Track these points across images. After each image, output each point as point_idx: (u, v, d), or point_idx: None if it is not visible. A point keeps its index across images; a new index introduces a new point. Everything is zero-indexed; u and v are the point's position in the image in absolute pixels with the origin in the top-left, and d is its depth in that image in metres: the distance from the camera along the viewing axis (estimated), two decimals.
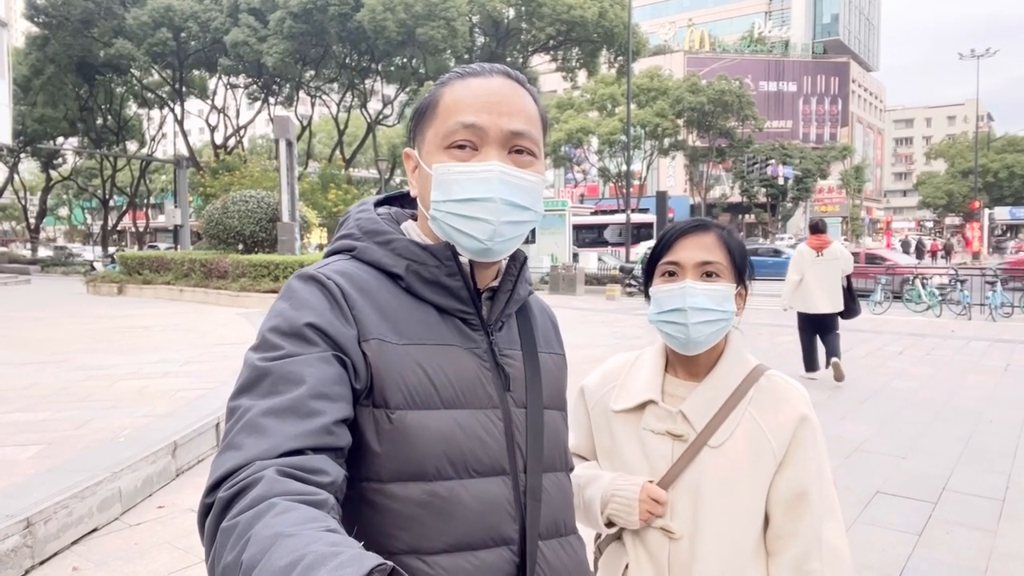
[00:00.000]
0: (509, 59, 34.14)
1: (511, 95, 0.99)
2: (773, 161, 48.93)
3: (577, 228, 29.72)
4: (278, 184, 16.89)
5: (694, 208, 52.86)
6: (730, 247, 1.37)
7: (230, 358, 8.00)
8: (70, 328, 11.06)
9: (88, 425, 4.98)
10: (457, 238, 0.98)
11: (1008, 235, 65.07)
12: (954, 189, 65.41)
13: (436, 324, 0.98)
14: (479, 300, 1.02)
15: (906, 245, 41.05)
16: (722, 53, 63.48)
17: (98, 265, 31.34)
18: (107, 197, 43.35)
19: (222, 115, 38.03)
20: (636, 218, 29.67)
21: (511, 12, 34.15)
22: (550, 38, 34.44)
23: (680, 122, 44.01)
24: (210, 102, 38.33)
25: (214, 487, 0.75)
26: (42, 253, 42.88)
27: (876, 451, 5.25)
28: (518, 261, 1.08)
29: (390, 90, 36.93)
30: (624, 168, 38.29)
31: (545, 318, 1.18)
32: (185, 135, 37.64)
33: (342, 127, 37.48)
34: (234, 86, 37.14)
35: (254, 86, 36.38)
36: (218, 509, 0.73)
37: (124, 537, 3.67)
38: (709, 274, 1.34)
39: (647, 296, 1.42)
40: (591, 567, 1.38)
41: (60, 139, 40.70)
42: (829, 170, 54.68)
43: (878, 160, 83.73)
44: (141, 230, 47.64)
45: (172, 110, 37.94)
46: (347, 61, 33.94)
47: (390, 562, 0.60)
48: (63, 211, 66.50)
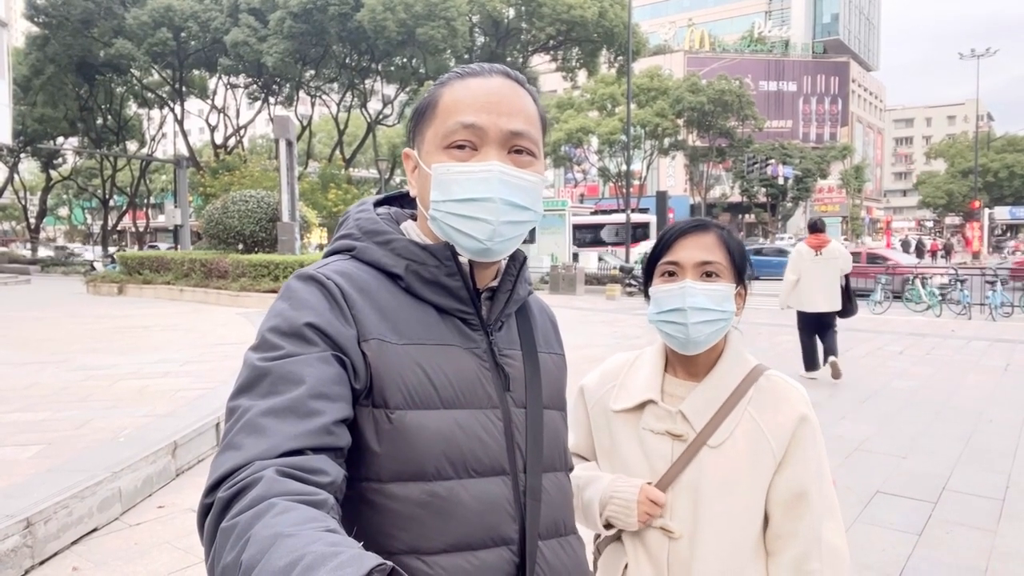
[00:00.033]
0: (509, 59, 34.14)
1: (510, 95, 0.99)
2: (773, 161, 48.92)
3: (574, 228, 29.78)
4: (278, 184, 16.89)
5: (694, 208, 52.84)
6: (730, 247, 1.37)
7: (230, 358, 8.00)
8: (70, 328, 11.06)
9: (88, 425, 4.98)
10: (456, 238, 0.98)
11: (1008, 235, 65.08)
12: (954, 189, 65.41)
13: (436, 324, 0.98)
14: (479, 300, 1.02)
15: (906, 245, 41.04)
16: (722, 53, 63.47)
17: (98, 265, 31.36)
18: (107, 197, 43.37)
19: (222, 115, 38.05)
20: (633, 218, 29.67)
21: (511, 12, 34.15)
22: (550, 38, 34.45)
23: (680, 122, 44.00)
24: (210, 102, 38.35)
25: (214, 487, 0.75)
26: (42, 253, 42.85)
27: (876, 451, 5.25)
28: (518, 261, 1.08)
29: (390, 90, 36.92)
30: (624, 168, 38.29)
31: (544, 318, 1.18)
32: (185, 135, 37.66)
33: (342, 127, 37.49)
34: (234, 86, 37.16)
35: (254, 86, 36.40)
36: (218, 509, 0.73)
37: (124, 537, 3.67)
38: (709, 274, 1.35)
39: (647, 296, 1.42)
40: (590, 567, 1.38)
41: (60, 139, 40.72)
42: (829, 170, 54.69)
43: (878, 160, 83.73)
44: (141, 230, 47.66)
45: (172, 110, 37.95)
46: (347, 61, 33.94)
47: (390, 562, 0.60)
48: (63, 211, 66.51)
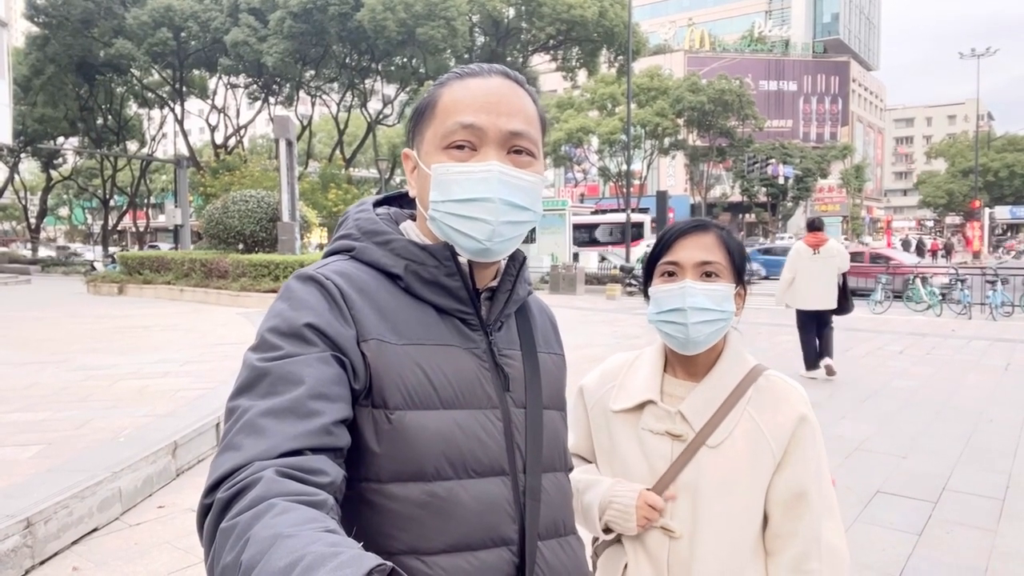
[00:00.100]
0: (509, 59, 34.15)
1: (510, 95, 0.99)
2: (773, 160, 48.90)
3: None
4: (278, 184, 16.90)
5: (694, 208, 52.83)
6: (729, 247, 1.37)
7: (230, 358, 8.00)
8: (70, 328, 11.06)
9: (88, 425, 4.98)
10: (456, 238, 0.98)
11: (1008, 234, 65.08)
12: (954, 188, 65.41)
13: (435, 324, 0.98)
14: (478, 300, 1.02)
15: (906, 244, 41.02)
16: (722, 52, 63.46)
17: (98, 265, 31.36)
18: (107, 197, 43.39)
19: (222, 115, 38.06)
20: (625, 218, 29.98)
21: (511, 11, 34.15)
22: (550, 37, 34.45)
23: (680, 121, 43.98)
24: (210, 102, 38.36)
25: (213, 488, 0.75)
26: (42, 253, 42.86)
27: (876, 450, 5.25)
28: (517, 261, 1.08)
29: (390, 90, 36.93)
30: (624, 168, 38.27)
31: (544, 318, 1.18)
32: (185, 135, 37.67)
33: (342, 127, 37.49)
34: (234, 86, 37.16)
35: (254, 86, 36.40)
36: (217, 510, 0.73)
37: (124, 537, 3.67)
38: (708, 274, 1.35)
39: (646, 296, 1.42)
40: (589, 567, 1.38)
41: (60, 139, 40.74)
42: (829, 169, 54.68)
43: (878, 159, 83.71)
44: (141, 230, 47.68)
45: (172, 110, 37.96)
46: (347, 61, 33.94)
47: (389, 562, 0.60)
48: (63, 211, 66.53)
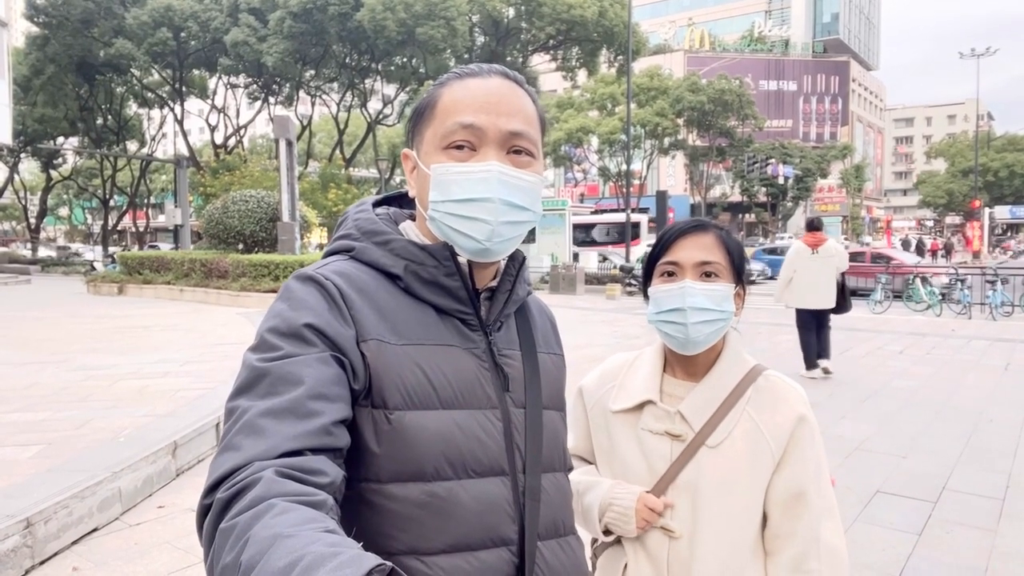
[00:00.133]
0: (509, 58, 34.15)
1: (509, 95, 0.99)
2: (773, 160, 48.89)
3: None
4: (278, 184, 16.89)
5: (694, 207, 52.82)
6: (729, 247, 1.37)
7: (230, 358, 8.00)
8: (70, 328, 11.06)
9: (88, 425, 4.98)
10: (455, 238, 0.98)
11: (1008, 234, 65.09)
12: (954, 188, 65.42)
13: (435, 324, 0.98)
14: (478, 300, 1.02)
15: (906, 244, 41.00)
16: (722, 52, 63.45)
17: (98, 265, 31.35)
18: (107, 197, 43.39)
19: (222, 115, 38.05)
20: (623, 218, 30.09)
21: (511, 11, 34.14)
22: (550, 37, 34.45)
23: (680, 121, 43.98)
24: (210, 102, 38.35)
25: (213, 488, 0.75)
26: (42, 253, 42.85)
27: (876, 450, 5.25)
28: (517, 261, 1.08)
29: (390, 90, 36.93)
30: (624, 167, 38.29)
31: (544, 318, 1.18)
32: (185, 135, 37.67)
33: (342, 127, 37.49)
34: (234, 86, 37.16)
35: (254, 86, 36.39)
36: (217, 510, 0.73)
37: (124, 537, 3.67)
38: (708, 274, 1.35)
39: (646, 296, 1.42)
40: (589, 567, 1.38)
41: (60, 139, 40.74)
42: (829, 169, 54.66)
43: (878, 159, 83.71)
44: (141, 230, 47.67)
45: (172, 110, 37.96)
46: (347, 61, 33.94)
47: (389, 562, 0.60)
48: (63, 211, 66.54)
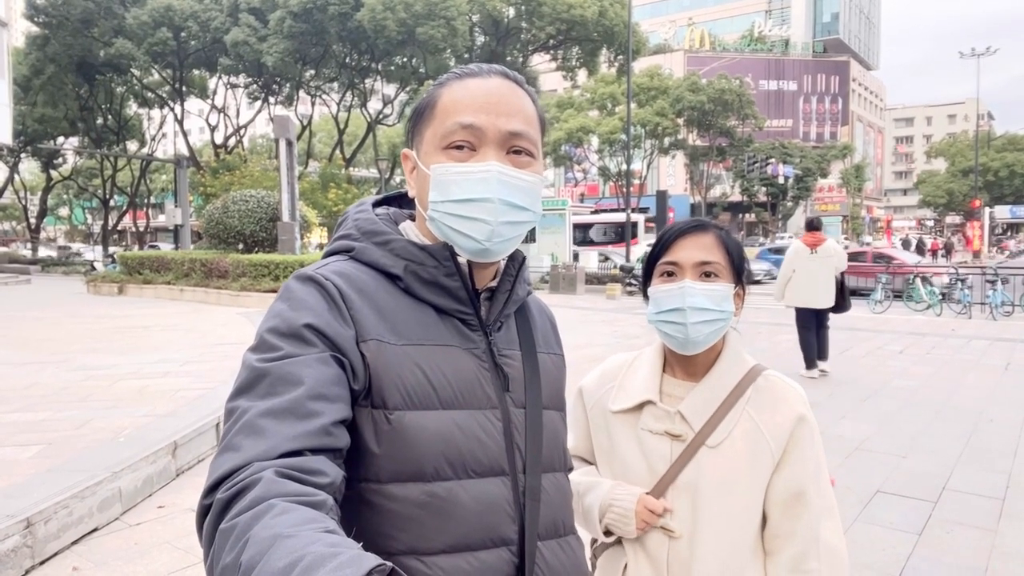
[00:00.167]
0: (509, 58, 34.15)
1: (509, 95, 0.99)
2: (773, 160, 48.90)
3: None
4: (278, 184, 16.89)
5: (694, 207, 52.82)
6: (728, 247, 1.37)
7: (230, 358, 8.00)
8: (70, 328, 11.06)
9: (88, 425, 4.98)
10: (455, 238, 0.98)
11: (1008, 233, 65.10)
12: (954, 188, 65.42)
13: (435, 324, 0.98)
14: (478, 300, 1.02)
15: (906, 244, 40.99)
16: (722, 52, 63.45)
17: (98, 265, 31.36)
18: (107, 197, 43.39)
19: (222, 115, 38.05)
20: (620, 217, 30.67)
21: (511, 11, 34.14)
22: (550, 37, 34.44)
23: (680, 121, 43.98)
24: (210, 102, 38.35)
25: (212, 488, 0.75)
26: (42, 253, 42.86)
27: (876, 450, 5.25)
28: (516, 261, 1.08)
29: (390, 89, 36.91)
30: (624, 167, 38.29)
31: (544, 318, 1.18)
32: (185, 135, 37.68)
33: (342, 126, 37.48)
34: (234, 86, 37.16)
35: (254, 85, 36.39)
36: (217, 510, 0.73)
37: (124, 537, 3.67)
38: (708, 274, 1.35)
39: (645, 296, 1.43)
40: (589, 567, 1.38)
41: (60, 139, 40.74)
42: (829, 169, 54.67)
43: (878, 159, 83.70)
44: (141, 230, 47.67)
45: (172, 110, 37.96)
46: (347, 60, 33.94)
47: (389, 563, 0.60)
48: (63, 211, 66.54)
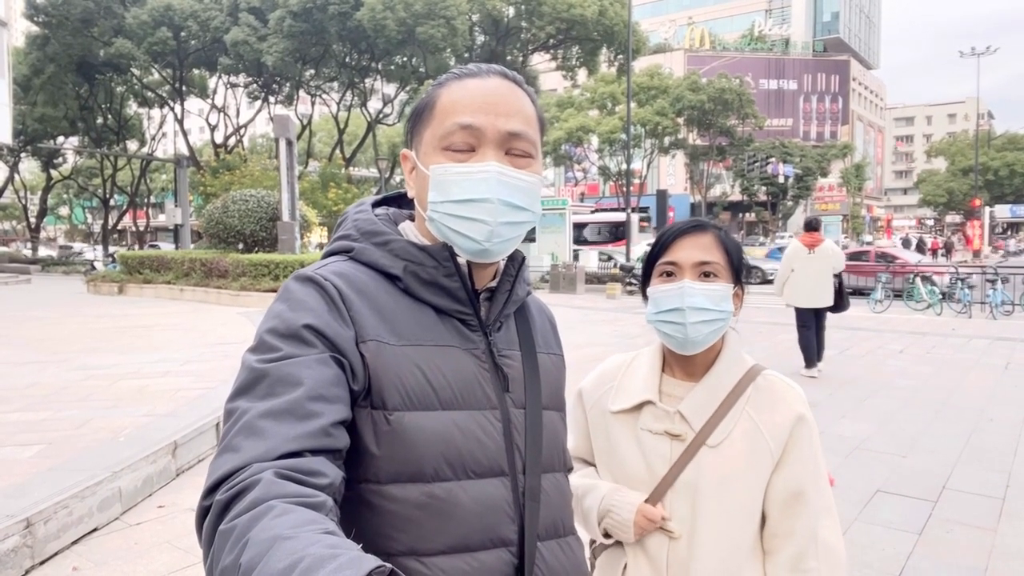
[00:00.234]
0: (509, 58, 34.14)
1: (508, 95, 0.99)
2: (773, 159, 48.92)
3: None
4: (278, 183, 16.87)
5: (694, 207, 52.84)
6: (727, 247, 1.37)
7: (230, 357, 7.99)
8: (70, 328, 11.06)
9: (88, 425, 4.98)
10: (454, 239, 0.98)
11: (1008, 233, 65.09)
12: (954, 187, 65.42)
13: (434, 325, 0.98)
14: (477, 301, 1.02)
15: (907, 243, 40.96)
16: (722, 51, 63.44)
17: (98, 264, 31.37)
18: (107, 196, 43.38)
19: (222, 114, 38.05)
20: (611, 217, 31.71)
21: (511, 11, 34.12)
22: (550, 36, 34.43)
23: (680, 120, 43.98)
24: (210, 101, 38.36)
25: (212, 489, 0.75)
26: (42, 252, 42.86)
27: (876, 450, 5.25)
28: (516, 261, 1.08)
29: (390, 89, 36.91)
30: (624, 167, 38.28)
31: (544, 318, 1.18)
32: (185, 134, 37.68)
33: (342, 126, 37.48)
34: (234, 85, 37.16)
35: (254, 85, 36.39)
36: (216, 511, 0.73)
37: (124, 537, 3.67)
38: (707, 274, 1.35)
39: (644, 296, 1.43)
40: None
41: (60, 138, 40.72)
42: (829, 168, 54.70)
43: (879, 158, 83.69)
44: (142, 229, 47.67)
45: (172, 109, 37.96)
46: (347, 60, 33.93)
47: (388, 564, 0.60)
48: (63, 210, 66.53)
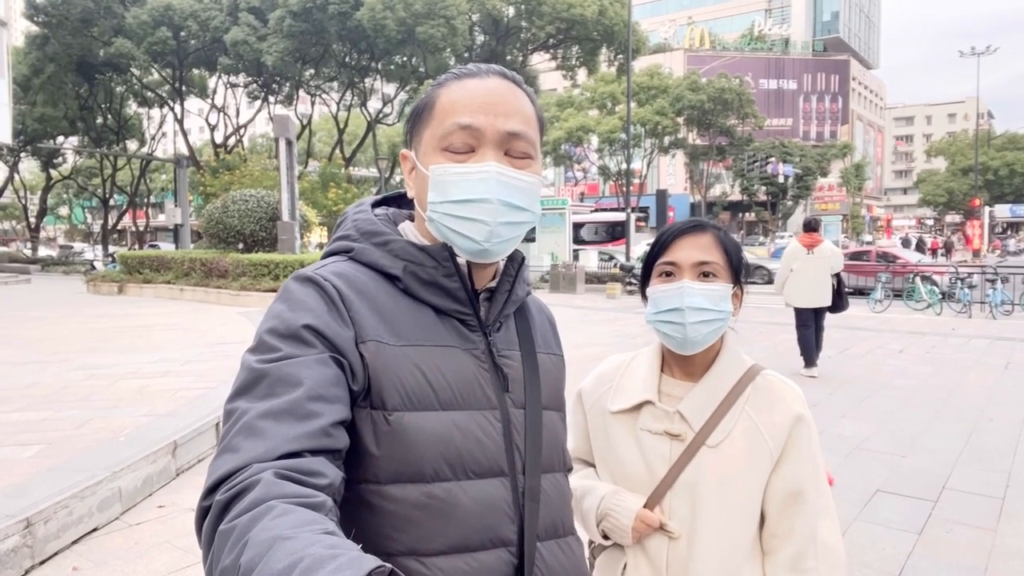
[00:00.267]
0: (509, 57, 34.13)
1: (508, 96, 0.99)
2: (773, 159, 48.88)
3: None
4: (278, 183, 16.87)
5: (694, 206, 52.83)
6: (727, 247, 1.38)
7: (230, 357, 7.99)
8: (71, 327, 11.06)
9: (88, 424, 4.98)
10: (454, 239, 0.98)
11: (1008, 232, 65.09)
12: (954, 187, 65.42)
13: (434, 325, 0.98)
14: (477, 301, 1.02)
15: (906, 243, 40.95)
16: (722, 51, 63.42)
17: (98, 264, 31.37)
18: (107, 196, 43.39)
19: (222, 114, 38.04)
20: (608, 216, 32.06)
21: (511, 10, 34.12)
22: (550, 36, 34.41)
23: (680, 120, 43.95)
24: (210, 101, 38.35)
25: (212, 490, 0.75)
26: (42, 252, 42.84)
27: (876, 449, 5.25)
28: (516, 261, 1.08)
29: (390, 89, 36.90)
30: (624, 166, 38.30)
31: (543, 318, 1.18)
32: (185, 134, 37.67)
33: (342, 126, 37.47)
34: (234, 85, 37.14)
35: (254, 85, 36.38)
36: (216, 512, 0.73)
37: (124, 537, 3.67)
38: (706, 274, 1.35)
39: (644, 296, 1.43)
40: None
41: (60, 138, 40.72)
42: (829, 168, 54.66)
43: (878, 158, 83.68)
44: (141, 229, 47.65)
45: (172, 109, 37.95)
46: (347, 60, 33.93)
47: (388, 564, 0.60)
48: (63, 210, 66.52)
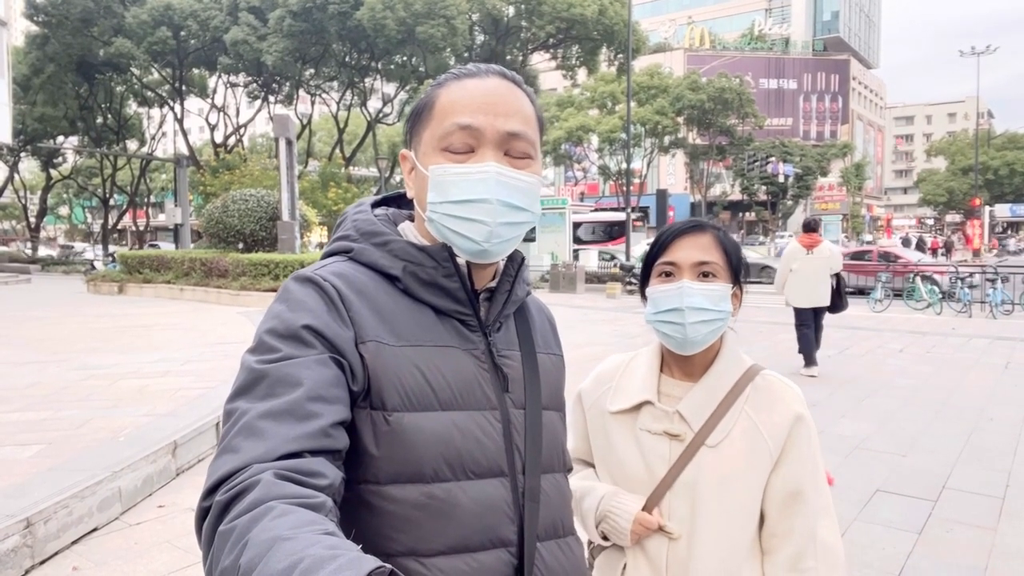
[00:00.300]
0: (509, 57, 34.13)
1: (507, 96, 0.99)
2: (773, 159, 48.86)
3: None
4: (278, 183, 16.87)
5: (694, 206, 52.82)
6: (726, 247, 1.38)
7: (230, 357, 7.99)
8: (71, 327, 11.06)
9: (88, 424, 4.98)
10: (454, 239, 0.98)
11: (1008, 232, 65.11)
12: (954, 186, 65.42)
13: (434, 325, 0.98)
14: (477, 301, 1.02)
15: (906, 242, 40.95)
16: (722, 51, 63.41)
17: (98, 264, 31.37)
18: (107, 196, 43.38)
19: (222, 114, 38.04)
20: (607, 216, 32.34)
21: (511, 10, 34.12)
22: (550, 36, 34.41)
23: (680, 120, 43.94)
24: (210, 101, 38.34)
25: (211, 490, 0.75)
26: (42, 252, 42.83)
27: (876, 449, 5.25)
28: (516, 262, 1.08)
29: (390, 88, 36.90)
30: (624, 166, 38.28)
31: (543, 318, 1.18)
32: (185, 134, 37.67)
33: (342, 125, 37.47)
34: (234, 85, 37.14)
35: (254, 84, 36.38)
36: (215, 512, 0.73)
37: (124, 537, 3.67)
38: (706, 274, 1.35)
39: (643, 296, 1.43)
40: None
41: (60, 138, 40.71)
42: (829, 168, 54.65)
43: (878, 157, 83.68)
44: (141, 229, 47.66)
45: (172, 109, 37.95)
46: (347, 59, 33.93)
47: (388, 564, 0.60)
48: (63, 210, 66.52)
